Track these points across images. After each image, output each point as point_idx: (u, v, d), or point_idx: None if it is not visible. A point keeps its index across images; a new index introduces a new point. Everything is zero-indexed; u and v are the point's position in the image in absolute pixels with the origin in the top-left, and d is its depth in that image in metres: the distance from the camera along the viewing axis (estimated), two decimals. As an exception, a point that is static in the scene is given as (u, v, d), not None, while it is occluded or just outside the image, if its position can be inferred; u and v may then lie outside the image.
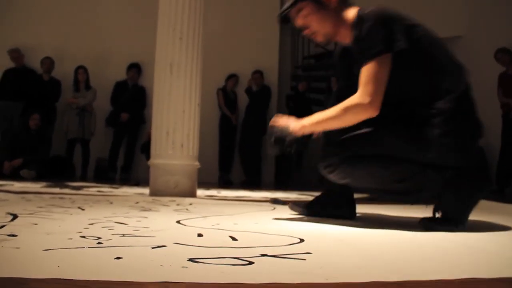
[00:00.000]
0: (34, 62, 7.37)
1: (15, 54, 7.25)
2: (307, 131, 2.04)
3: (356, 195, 2.31)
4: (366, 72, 1.84)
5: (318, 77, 8.48)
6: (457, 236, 1.72)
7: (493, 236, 1.77)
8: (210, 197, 3.81)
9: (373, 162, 1.90)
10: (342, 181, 2.01)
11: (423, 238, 1.67)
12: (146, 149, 4.35)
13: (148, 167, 3.80)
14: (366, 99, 1.83)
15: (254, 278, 0.96)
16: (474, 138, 1.88)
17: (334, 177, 2.02)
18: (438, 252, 1.39)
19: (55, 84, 7.25)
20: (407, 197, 1.94)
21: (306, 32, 2.07)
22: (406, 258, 1.28)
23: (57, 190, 3.85)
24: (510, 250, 1.47)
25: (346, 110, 1.89)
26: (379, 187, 1.93)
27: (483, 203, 3.36)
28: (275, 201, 3.26)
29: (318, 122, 2.00)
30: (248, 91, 7.81)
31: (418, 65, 1.88)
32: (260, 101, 7.73)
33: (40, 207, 2.28)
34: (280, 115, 2.17)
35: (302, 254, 1.25)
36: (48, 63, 7.27)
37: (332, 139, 1.98)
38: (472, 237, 1.72)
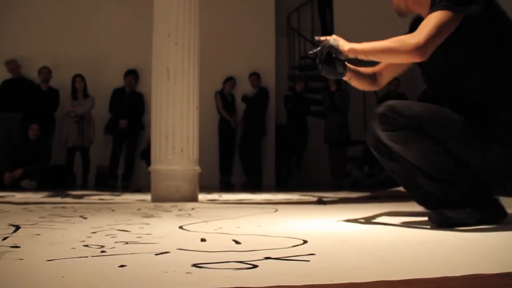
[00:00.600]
0: (31, 72, 7.38)
1: (12, 65, 7.26)
2: (354, 54, 1.95)
3: (356, 195, 2.31)
4: (429, 18, 1.76)
5: (316, 77, 8.48)
6: (461, 232, 1.72)
7: (498, 231, 1.77)
8: (212, 201, 3.81)
9: (430, 143, 1.82)
10: (390, 143, 1.89)
11: (425, 235, 1.67)
12: (146, 156, 4.36)
13: (148, 173, 3.80)
14: (416, 41, 1.74)
15: (259, 282, 0.96)
16: None
17: (385, 136, 1.89)
18: (442, 248, 1.39)
19: (53, 94, 7.25)
20: (437, 190, 1.88)
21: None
22: (410, 256, 1.28)
23: (58, 199, 3.85)
24: (513, 244, 1.47)
25: (395, 43, 1.81)
26: (421, 166, 1.86)
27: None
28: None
29: (367, 49, 1.91)
30: (244, 99, 7.81)
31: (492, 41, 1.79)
32: (258, 104, 7.74)
33: (42, 217, 2.28)
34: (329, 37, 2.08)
35: (305, 256, 1.25)
36: (45, 72, 7.27)
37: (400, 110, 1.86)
38: (476, 232, 1.72)
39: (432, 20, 1.74)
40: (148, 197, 3.81)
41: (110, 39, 7.86)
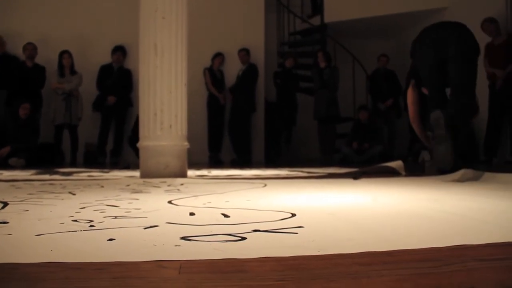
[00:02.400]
0: (16, 49, 7.25)
1: (-4, 41, 7.13)
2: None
3: (345, 170, 2.33)
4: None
5: (305, 53, 8.46)
6: (445, 206, 1.75)
7: (481, 204, 1.80)
8: (201, 176, 3.81)
9: None
10: None
11: (413, 209, 1.69)
12: (133, 142, 4.34)
13: (137, 150, 3.79)
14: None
15: (247, 254, 0.97)
16: None
17: None
18: (427, 221, 1.41)
19: (40, 71, 7.15)
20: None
21: None
22: (396, 229, 1.30)
23: (47, 176, 3.83)
24: (497, 218, 1.49)
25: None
26: None
27: (471, 173, 3.42)
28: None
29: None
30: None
31: None
32: (247, 80, 7.70)
33: (31, 194, 2.27)
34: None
35: (294, 228, 1.26)
36: (31, 48, 7.15)
37: None
38: (460, 206, 1.74)
39: None
40: (137, 173, 3.80)
41: (98, 15, 7.74)
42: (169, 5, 3.67)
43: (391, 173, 3.89)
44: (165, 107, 3.64)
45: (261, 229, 1.23)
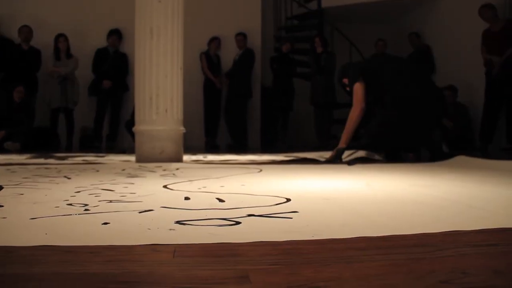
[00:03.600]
0: (11, 32, 7.19)
1: (-10, 24, 7.06)
2: (345, 144, 3.88)
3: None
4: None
5: (302, 38, 8.40)
6: (440, 192, 1.76)
7: (475, 191, 1.81)
8: (197, 161, 3.81)
9: None
10: None
11: (407, 195, 1.70)
12: (130, 127, 4.32)
13: (133, 134, 3.78)
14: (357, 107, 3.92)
15: (242, 238, 0.97)
16: None
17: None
18: (422, 207, 1.42)
19: (35, 54, 7.09)
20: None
21: None
22: (391, 214, 1.30)
23: (42, 160, 3.82)
24: (491, 204, 1.50)
25: (349, 122, 4.01)
26: None
27: (465, 159, 3.43)
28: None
29: (345, 138, 3.99)
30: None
31: None
32: (243, 65, 7.67)
33: (26, 177, 2.27)
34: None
35: (288, 213, 1.26)
36: (26, 31, 7.08)
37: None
38: (455, 192, 1.75)
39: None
40: (132, 158, 3.80)
41: (93, -2, 7.67)
42: (165, -12, 3.64)
43: (385, 160, 3.90)
44: (161, 91, 3.63)
45: (255, 214, 1.24)
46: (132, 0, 3.83)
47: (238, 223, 1.13)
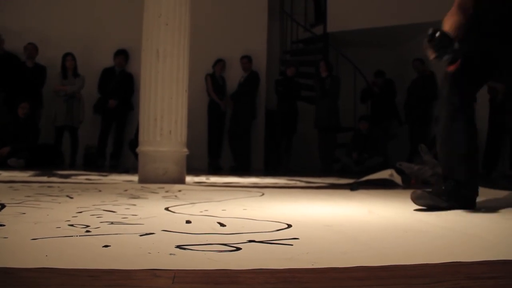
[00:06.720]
0: (17, 48, 7.23)
1: (-4, 39, 7.09)
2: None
3: (344, 181, 2.33)
4: None
5: (307, 62, 8.47)
6: (441, 221, 1.75)
7: (477, 220, 1.80)
8: (199, 183, 3.81)
9: None
10: None
11: (409, 223, 1.70)
12: (134, 146, 4.34)
13: (137, 154, 3.79)
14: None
15: (241, 264, 0.97)
16: None
17: None
18: (423, 236, 1.41)
19: (40, 71, 7.14)
20: None
21: None
22: (392, 243, 1.30)
23: (45, 178, 3.83)
24: (493, 234, 1.49)
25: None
26: None
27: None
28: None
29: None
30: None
31: None
32: (248, 87, 7.71)
33: (28, 196, 2.27)
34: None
35: (289, 240, 1.26)
36: (31, 48, 7.14)
37: None
38: (456, 221, 1.74)
39: None
40: (135, 178, 3.80)
41: (101, 18, 7.76)
42: (172, 11, 3.69)
43: (389, 185, 3.89)
44: (165, 113, 3.65)
45: (256, 240, 1.24)
46: (139, 21, 3.88)
47: (238, 249, 1.12)
